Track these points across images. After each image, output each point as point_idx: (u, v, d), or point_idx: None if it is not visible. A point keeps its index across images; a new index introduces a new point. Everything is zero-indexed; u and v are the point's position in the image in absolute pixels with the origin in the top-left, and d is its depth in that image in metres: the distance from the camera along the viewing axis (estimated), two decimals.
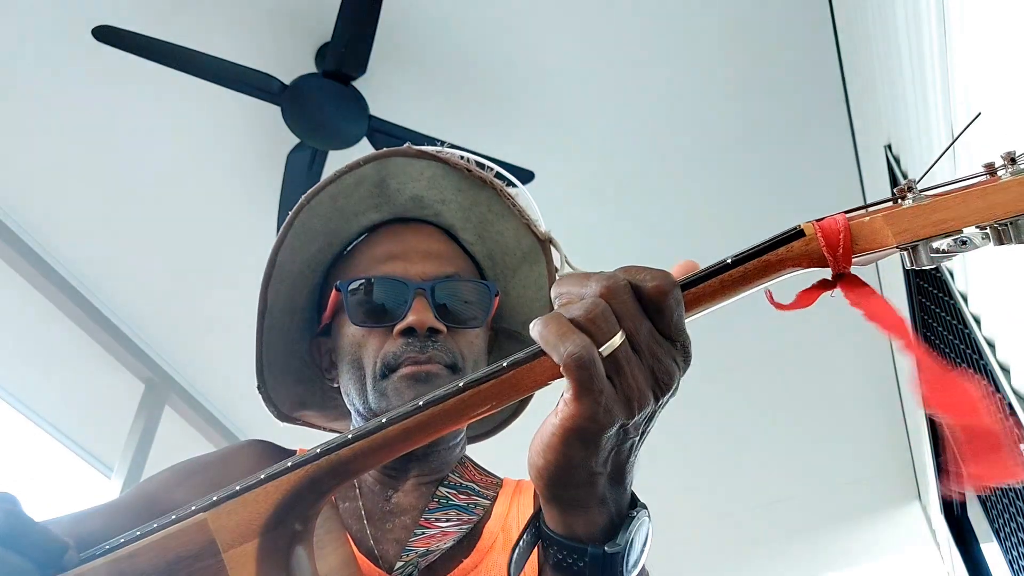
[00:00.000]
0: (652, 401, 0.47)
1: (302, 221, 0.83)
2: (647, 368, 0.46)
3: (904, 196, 0.47)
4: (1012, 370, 1.63)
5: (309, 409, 0.92)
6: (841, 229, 0.48)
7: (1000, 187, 0.45)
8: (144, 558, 0.53)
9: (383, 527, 0.78)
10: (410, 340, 0.77)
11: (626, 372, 0.45)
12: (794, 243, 0.49)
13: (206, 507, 0.53)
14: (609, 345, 0.45)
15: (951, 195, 0.46)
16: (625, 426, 0.46)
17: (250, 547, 0.51)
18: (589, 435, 0.45)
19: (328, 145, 2.39)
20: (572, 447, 0.46)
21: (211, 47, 2.21)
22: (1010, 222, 0.45)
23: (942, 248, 0.46)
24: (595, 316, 0.45)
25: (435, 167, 0.86)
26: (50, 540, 0.55)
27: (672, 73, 2.51)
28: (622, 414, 0.45)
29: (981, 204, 0.45)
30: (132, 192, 2.72)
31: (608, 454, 0.47)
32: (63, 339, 3.04)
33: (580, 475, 0.47)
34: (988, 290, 1.65)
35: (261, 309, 0.84)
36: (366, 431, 0.52)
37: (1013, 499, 1.95)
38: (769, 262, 0.49)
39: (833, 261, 0.48)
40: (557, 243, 0.85)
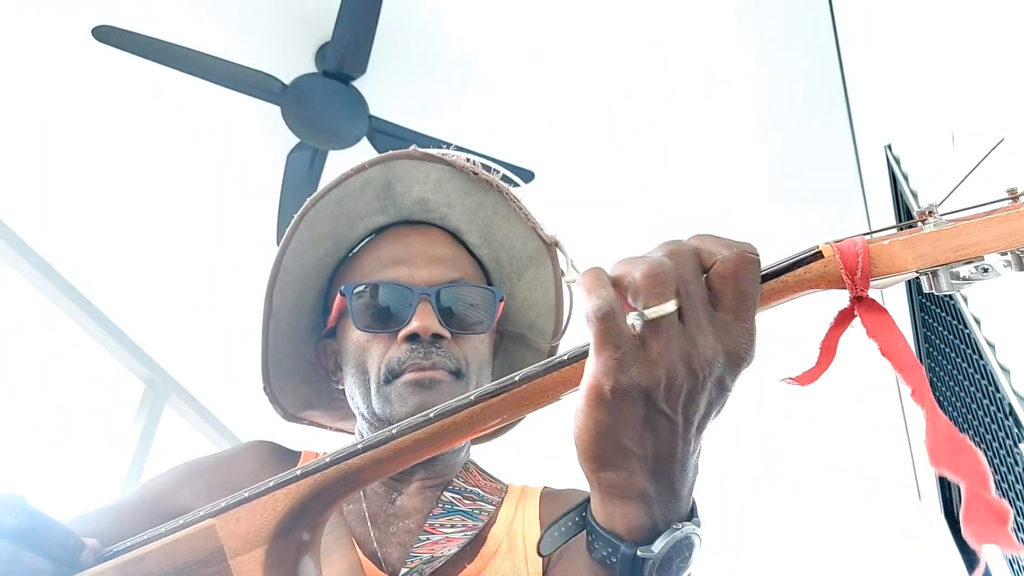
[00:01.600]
0: (687, 375, 0.43)
1: (307, 224, 0.83)
2: (687, 338, 0.43)
3: (924, 220, 0.47)
4: (1012, 371, 1.63)
5: (315, 409, 0.92)
6: (860, 252, 0.47)
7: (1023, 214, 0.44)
8: (152, 562, 0.53)
9: (387, 530, 0.78)
10: (414, 346, 0.77)
11: (661, 338, 0.43)
12: (812, 264, 0.48)
13: (214, 513, 0.53)
14: (658, 309, 0.42)
15: (972, 221, 0.46)
16: (652, 396, 0.43)
17: (257, 554, 0.51)
18: (609, 397, 0.43)
19: (328, 145, 2.39)
20: (596, 411, 0.44)
21: (211, 47, 2.21)
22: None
23: (963, 275, 0.46)
24: (655, 275, 0.43)
25: (441, 170, 0.85)
26: (68, 538, 0.55)
27: (672, 73, 2.51)
28: (643, 379, 0.43)
29: (1004, 230, 0.44)
30: (132, 192, 2.72)
31: (641, 430, 0.44)
32: (63, 339, 3.04)
33: (610, 448, 0.44)
34: (989, 291, 1.65)
35: (267, 312, 0.84)
36: (376, 441, 0.52)
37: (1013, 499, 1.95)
38: (786, 283, 0.48)
39: (851, 284, 0.47)
40: (563, 246, 0.85)
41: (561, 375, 0.49)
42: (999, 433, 1.82)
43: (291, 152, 2.43)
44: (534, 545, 0.76)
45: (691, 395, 0.44)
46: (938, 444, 0.45)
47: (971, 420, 2.14)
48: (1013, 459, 1.77)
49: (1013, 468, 1.81)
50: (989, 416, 1.88)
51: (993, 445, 1.93)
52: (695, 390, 0.44)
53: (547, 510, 0.82)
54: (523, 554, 0.76)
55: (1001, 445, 1.84)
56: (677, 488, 0.47)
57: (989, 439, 1.96)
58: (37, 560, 0.53)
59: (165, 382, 3.26)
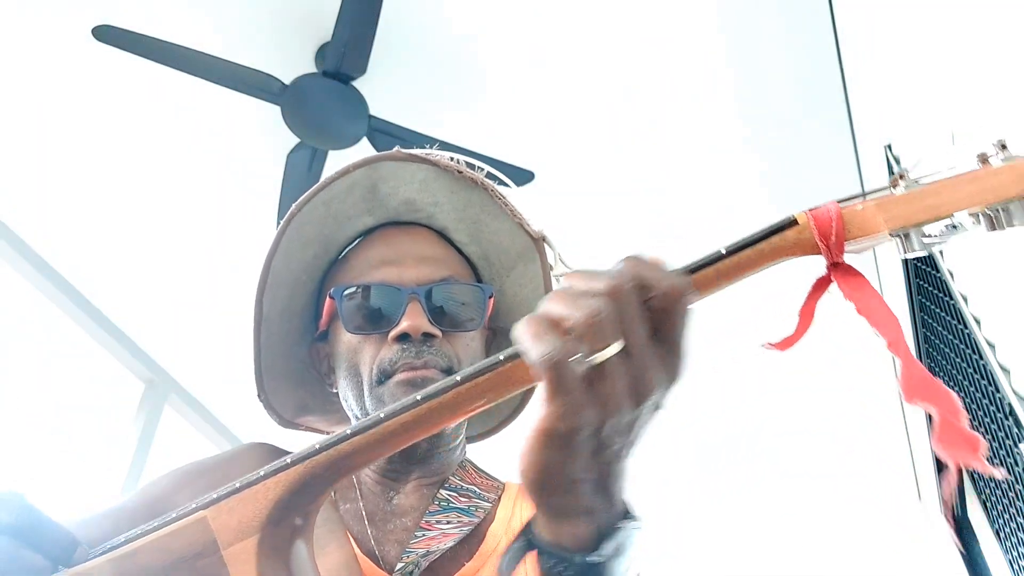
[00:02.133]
0: (630, 408, 0.45)
1: (295, 228, 0.84)
2: (632, 376, 0.45)
3: (896, 184, 0.48)
4: (1012, 371, 1.63)
5: (311, 414, 0.92)
6: (833, 217, 0.48)
7: (991, 172, 0.46)
8: (145, 556, 0.53)
9: (385, 528, 0.79)
10: (405, 346, 0.77)
11: (609, 378, 0.44)
12: (787, 232, 0.49)
13: (206, 504, 0.54)
14: (603, 354, 0.44)
15: (942, 181, 0.47)
16: (600, 431, 0.45)
17: (250, 543, 0.52)
18: (561, 437, 0.45)
19: (328, 145, 2.39)
20: (547, 449, 0.45)
21: (211, 47, 2.21)
22: (1001, 207, 0.45)
23: (933, 233, 0.46)
24: (597, 322, 0.44)
25: (427, 170, 0.86)
26: (62, 535, 0.56)
27: (672, 73, 2.51)
28: (594, 417, 0.44)
29: (972, 189, 0.46)
30: (132, 192, 2.72)
31: (588, 459, 0.46)
32: (63, 339, 3.04)
33: (560, 480, 0.47)
34: (989, 291, 1.65)
35: (257, 317, 0.85)
36: (364, 426, 0.52)
37: (1013, 499, 1.95)
38: (763, 251, 0.49)
39: (826, 249, 0.48)
40: (551, 241, 0.85)
41: None
42: (999, 433, 1.82)
43: (291, 152, 2.43)
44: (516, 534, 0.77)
45: (632, 424, 0.47)
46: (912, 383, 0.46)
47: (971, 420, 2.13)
48: (1013, 459, 1.77)
49: (1013, 468, 1.81)
50: (989, 416, 1.87)
51: (993, 445, 1.93)
52: (640, 418, 0.47)
53: None
54: None
55: (1001, 445, 1.84)
56: (615, 496, 0.49)
57: (989, 439, 1.96)
58: (33, 556, 0.53)
59: (165, 382, 3.26)
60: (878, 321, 0.48)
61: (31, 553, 0.53)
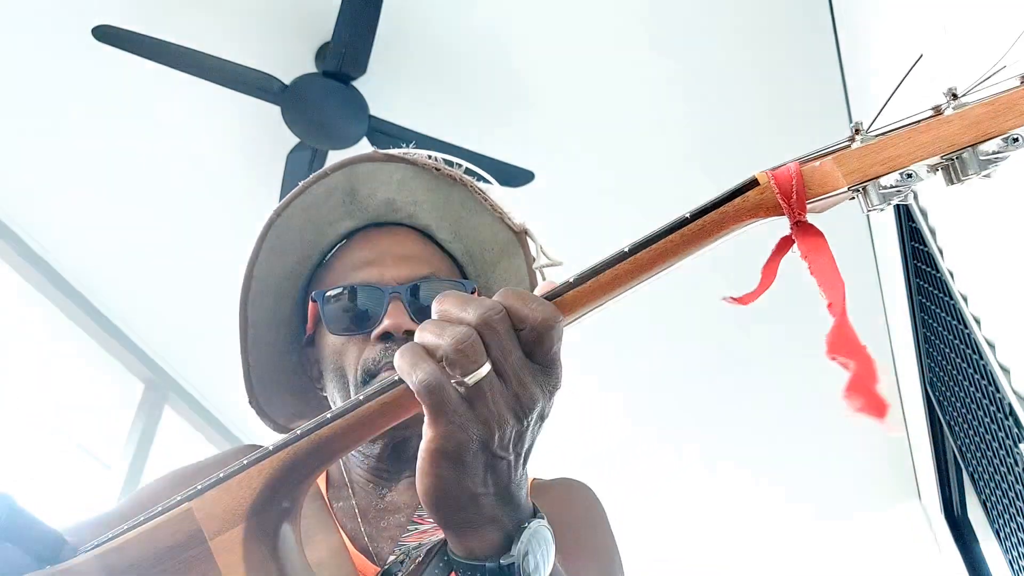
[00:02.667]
0: (515, 423, 0.48)
1: (275, 235, 0.84)
2: (511, 393, 0.47)
3: (853, 140, 0.48)
4: (1012, 371, 1.63)
5: (305, 419, 0.92)
6: (793, 175, 0.48)
7: (943, 120, 0.46)
8: (132, 550, 0.53)
9: (378, 525, 0.79)
10: (388, 345, 0.78)
11: (487, 397, 0.46)
12: (749, 193, 0.49)
13: (191, 496, 0.54)
14: (475, 375, 0.46)
15: (897, 133, 0.47)
16: (489, 446, 0.48)
17: (236, 532, 0.52)
18: (451, 456, 0.47)
19: (328, 145, 2.39)
20: (441, 469, 0.48)
21: (211, 47, 2.21)
22: (955, 156, 0.45)
23: (889, 184, 0.47)
24: (464, 347, 0.46)
25: (404, 169, 0.85)
26: (47, 534, 0.57)
27: (672, 73, 2.51)
28: (479, 435, 0.47)
29: (926, 139, 0.46)
30: (132, 192, 2.72)
31: (484, 474, 0.48)
32: (63, 339, 3.04)
33: (460, 496, 0.49)
34: (988, 291, 1.65)
35: (243, 327, 0.85)
36: (344, 410, 0.53)
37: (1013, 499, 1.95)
38: (726, 213, 0.49)
39: (788, 208, 0.48)
40: (532, 234, 0.85)
41: None
42: (999, 433, 1.82)
43: (291, 152, 2.43)
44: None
45: (520, 435, 0.49)
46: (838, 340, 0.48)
47: (971, 420, 2.14)
48: (1013, 459, 1.77)
49: (1013, 468, 1.81)
50: (989, 416, 1.87)
51: (993, 445, 1.93)
52: (524, 431, 0.49)
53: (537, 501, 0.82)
54: None
55: (1001, 445, 1.84)
56: (518, 501, 0.51)
57: (989, 439, 1.96)
58: (19, 555, 0.55)
59: (165, 382, 3.26)
60: (825, 282, 0.48)
61: (17, 551, 0.55)
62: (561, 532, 0.78)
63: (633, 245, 0.50)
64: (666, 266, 0.50)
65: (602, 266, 0.50)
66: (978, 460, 2.22)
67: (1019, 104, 0.45)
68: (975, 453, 2.23)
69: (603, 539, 0.81)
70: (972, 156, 0.45)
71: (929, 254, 2.02)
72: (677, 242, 0.50)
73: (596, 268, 0.50)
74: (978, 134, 0.45)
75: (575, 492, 0.85)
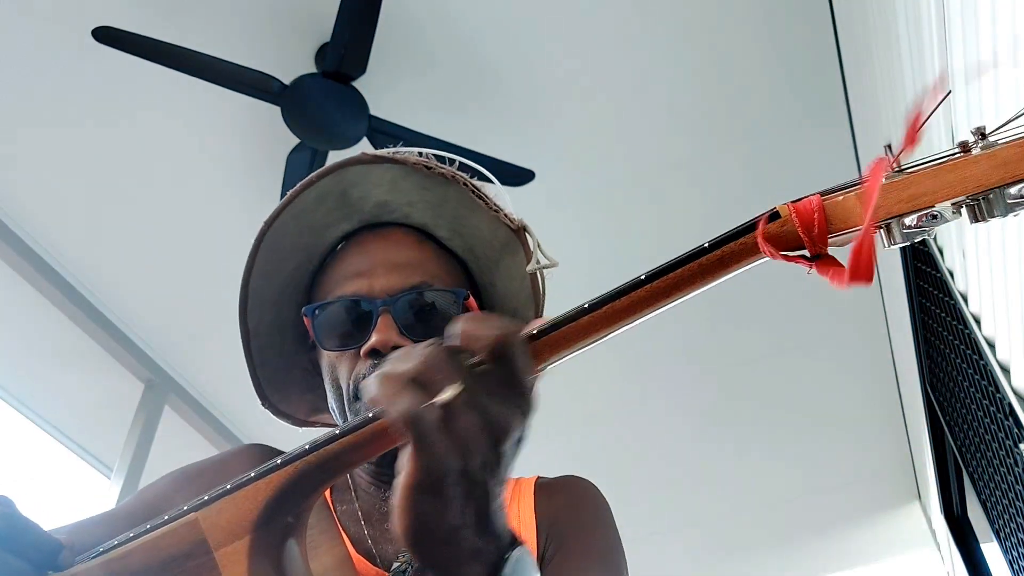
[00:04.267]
0: (489, 447, 0.47)
1: (269, 244, 0.83)
2: (484, 418, 0.46)
3: None
4: (1012, 370, 1.63)
5: (325, 413, 0.91)
6: (815, 209, 0.48)
7: (971, 161, 0.45)
8: (137, 558, 0.53)
9: (381, 528, 0.79)
10: (376, 362, 0.76)
11: (458, 422, 0.46)
12: (770, 225, 0.49)
13: (197, 506, 0.54)
14: (445, 394, 0.46)
15: (923, 171, 0.46)
16: (466, 473, 0.47)
17: (241, 544, 0.52)
18: (431, 488, 0.46)
19: (328, 145, 2.39)
20: (420, 503, 0.47)
21: (211, 47, 2.21)
22: (982, 196, 0.45)
23: (913, 224, 0.46)
24: (427, 370, 0.46)
25: (395, 170, 0.84)
26: (45, 540, 0.56)
27: (673, 73, 2.51)
28: (455, 462, 0.46)
29: (952, 178, 0.45)
30: (132, 192, 2.72)
31: (461, 505, 0.47)
32: (63, 339, 3.04)
33: (441, 531, 0.47)
34: (988, 290, 1.65)
35: (244, 334, 0.85)
36: (354, 426, 0.52)
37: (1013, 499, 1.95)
38: (746, 244, 0.49)
39: (809, 242, 0.48)
40: (531, 230, 0.83)
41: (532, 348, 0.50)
42: (999, 433, 1.82)
43: (291, 152, 2.43)
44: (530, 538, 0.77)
45: (497, 461, 0.48)
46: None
47: (971, 420, 2.14)
48: (1013, 459, 1.77)
49: (1013, 468, 1.81)
50: (989, 416, 1.87)
51: (993, 445, 1.93)
52: (500, 456, 0.48)
53: (541, 500, 0.82)
54: None
55: (1001, 445, 1.84)
56: (498, 530, 0.50)
57: (989, 439, 1.96)
58: (16, 562, 0.54)
59: (165, 382, 3.25)
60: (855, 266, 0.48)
61: (14, 559, 0.54)
62: (567, 532, 0.78)
63: (650, 273, 0.50)
64: (682, 295, 0.49)
65: (618, 293, 0.50)
66: (978, 460, 2.22)
67: None
68: (975, 453, 2.23)
69: (609, 539, 0.80)
70: (999, 197, 0.44)
71: (929, 254, 2.02)
72: (695, 271, 0.49)
73: (612, 295, 0.50)
74: (1006, 175, 0.44)
75: (581, 491, 0.85)
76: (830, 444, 3.75)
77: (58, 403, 3.33)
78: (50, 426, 3.41)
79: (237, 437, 3.54)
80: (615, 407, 3.55)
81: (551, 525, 0.79)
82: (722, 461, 3.83)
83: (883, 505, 4.04)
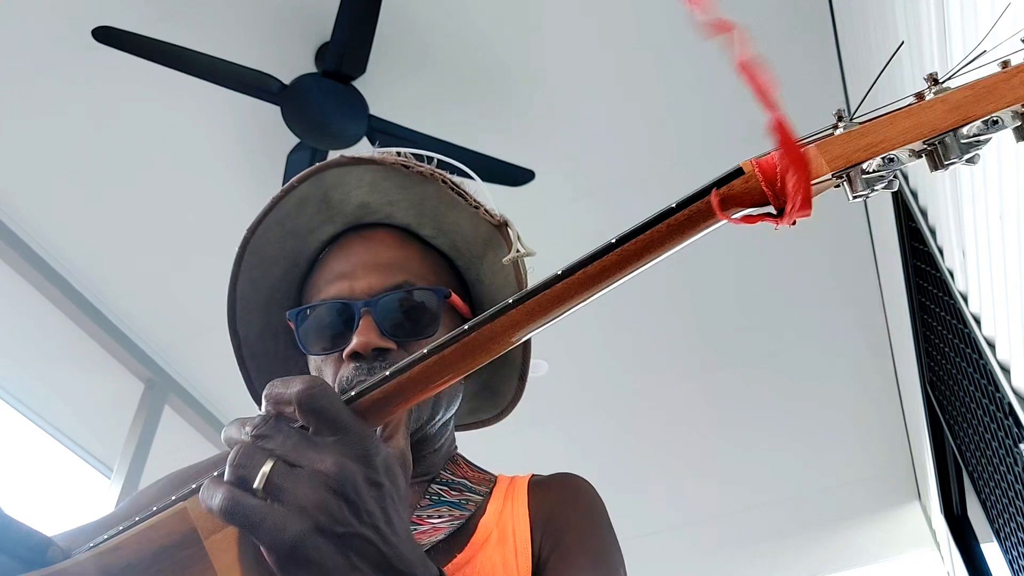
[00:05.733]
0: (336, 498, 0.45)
1: (253, 251, 0.83)
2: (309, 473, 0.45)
3: (836, 126, 0.48)
4: (1012, 370, 1.63)
5: None
6: (778, 163, 0.48)
7: (925, 106, 0.46)
8: (128, 550, 0.53)
9: None
10: (358, 364, 0.76)
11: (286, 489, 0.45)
12: (734, 182, 0.49)
13: (185, 496, 0.53)
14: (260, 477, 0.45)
15: (879, 119, 0.47)
16: (325, 531, 0.45)
17: (231, 532, 0.51)
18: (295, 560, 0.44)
19: (328, 145, 2.39)
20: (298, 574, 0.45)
21: (211, 47, 2.21)
22: (938, 140, 0.45)
23: (872, 169, 0.47)
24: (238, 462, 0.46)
25: (373, 171, 0.84)
26: (31, 536, 0.56)
27: (673, 73, 2.51)
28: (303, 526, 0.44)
29: (908, 124, 0.46)
30: (132, 192, 2.72)
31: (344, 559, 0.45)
32: (63, 339, 3.04)
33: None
34: (988, 290, 1.65)
35: (235, 343, 0.85)
36: None
37: (1013, 499, 1.95)
38: (711, 203, 0.49)
39: (772, 196, 0.48)
40: (511, 224, 0.83)
41: (509, 318, 0.49)
42: (999, 433, 1.82)
43: (291, 152, 2.43)
44: (524, 536, 0.77)
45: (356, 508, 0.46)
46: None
47: (971, 420, 2.14)
48: (1013, 459, 1.77)
49: (1012, 468, 1.81)
50: (989, 416, 1.87)
51: (993, 445, 1.93)
52: (357, 501, 0.46)
53: (535, 498, 0.82)
54: (513, 545, 0.77)
55: (1001, 445, 1.84)
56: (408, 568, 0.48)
57: (989, 439, 1.96)
58: (3, 559, 0.54)
59: (165, 382, 3.25)
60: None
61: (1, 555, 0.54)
62: (563, 531, 0.78)
63: (620, 236, 0.49)
64: (654, 257, 0.49)
65: (589, 258, 0.49)
66: (978, 460, 2.22)
67: (999, 88, 0.45)
68: (975, 453, 2.23)
69: (605, 537, 0.80)
70: (954, 140, 0.45)
71: (929, 254, 2.02)
72: (664, 232, 0.49)
73: (584, 260, 0.49)
74: (959, 118, 0.45)
75: (574, 489, 0.85)
76: (830, 444, 3.75)
77: (58, 403, 3.33)
78: (50, 426, 3.41)
79: None
80: (615, 407, 3.56)
81: (546, 523, 0.79)
82: (722, 460, 3.83)
83: (883, 505, 4.04)
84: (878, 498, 4.01)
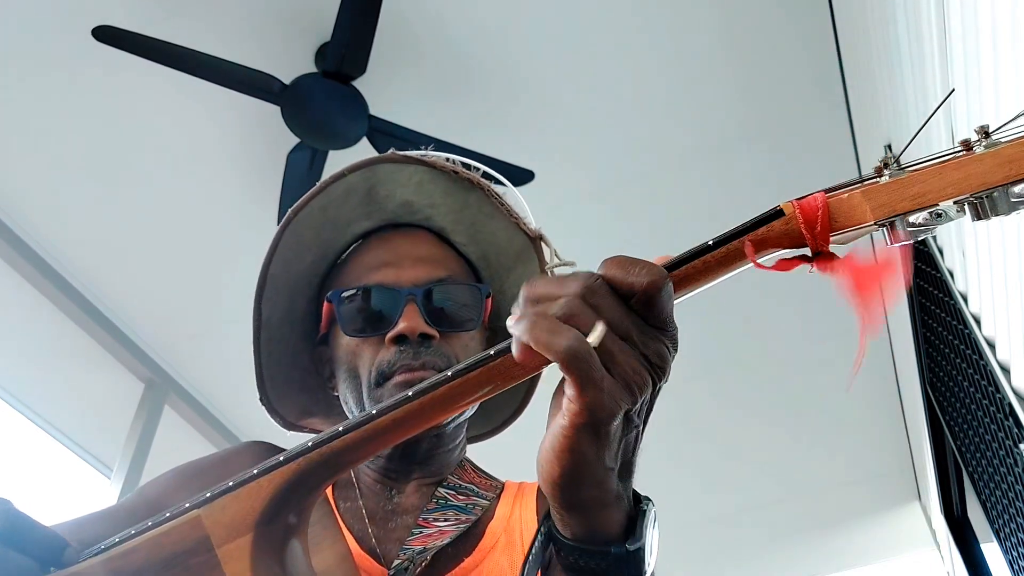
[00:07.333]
0: (650, 384, 0.47)
1: (292, 233, 0.83)
2: (639, 353, 0.46)
3: (882, 173, 0.47)
4: (1012, 370, 1.63)
5: (314, 417, 0.92)
6: (820, 207, 0.48)
7: (974, 159, 0.45)
8: (139, 555, 0.53)
9: (385, 527, 0.79)
10: (403, 347, 0.77)
11: (619, 359, 0.45)
12: (774, 223, 0.49)
13: (199, 503, 0.54)
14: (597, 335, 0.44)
15: (927, 169, 0.46)
16: (628, 413, 0.46)
17: (244, 541, 0.52)
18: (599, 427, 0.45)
19: (328, 145, 2.39)
20: (584, 444, 0.46)
21: (211, 47, 2.21)
22: (985, 195, 0.45)
23: (918, 222, 0.46)
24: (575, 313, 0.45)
25: (422, 172, 0.85)
26: (49, 537, 0.56)
27: (672, 73, 2.51)
28: (626, 399, 0.45)
29: (956, 176, 0.45)
30: (132, 192, 2.72)
31: (618, 447, 0.47)
32: (63, 339, 3.04)
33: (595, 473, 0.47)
34: (988, 290, 1.65)
35: (256, 323, 0.84)
36: (356, 423, 0.52)
37: (1013, 499, 1.95)
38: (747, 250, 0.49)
39: (811, 239, 0.48)
40: (547, 240, 0.85)
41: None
42: (999, 433, 1.82)
43: (291, 152, 2.43)
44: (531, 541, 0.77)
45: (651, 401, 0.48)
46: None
47: (971, 420, 2.14)
48: (1013, 459, 1.77)
49: (1013, 468, 1.81)
50: (989, 416, 1.87)
51: (993, 445, 1.93)
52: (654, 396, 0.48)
53: (544, 504, 0.82)
54: (520, 550, 0.77)
55: (1001, 445, 1.84)
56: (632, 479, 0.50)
57: (989, 439, 1.96)
58: (20, 559, 0.54)
59: (165, 382, 3.25)
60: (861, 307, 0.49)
61: (18, 555, 0.54)
62: None
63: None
64: (685, 293, 0.50)
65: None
66: (978, 460, 2.22)
67: None
68: (975, 453, 2.23)
69: None
70: (1003, 196, 0.44)
71: (929, 254, 2.02)
72: (699, 269, 0.49)
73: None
74: (1010, 174, 0.44)
75: None
76: (830, 444, 3.75)
77: (58, 403, 3.33)
78: (50, 426, 3.41)
79: (237, 437, 3.54)
80: None
81: None
82: (722, 461, 3.83)
83: (883, 505, 4.04)
84: (878, 498, 4.01)
